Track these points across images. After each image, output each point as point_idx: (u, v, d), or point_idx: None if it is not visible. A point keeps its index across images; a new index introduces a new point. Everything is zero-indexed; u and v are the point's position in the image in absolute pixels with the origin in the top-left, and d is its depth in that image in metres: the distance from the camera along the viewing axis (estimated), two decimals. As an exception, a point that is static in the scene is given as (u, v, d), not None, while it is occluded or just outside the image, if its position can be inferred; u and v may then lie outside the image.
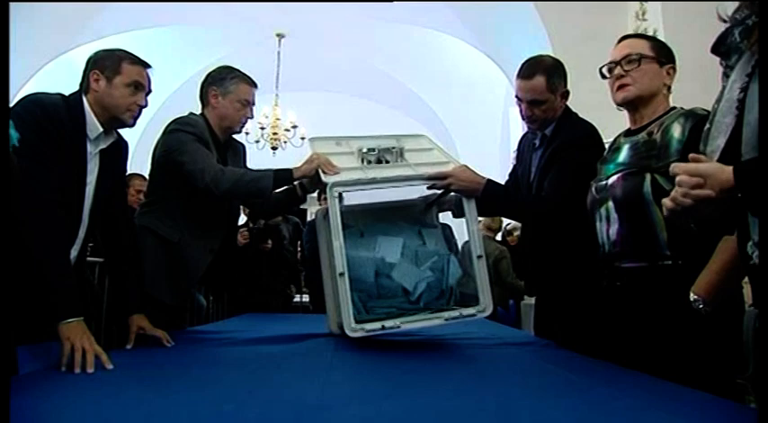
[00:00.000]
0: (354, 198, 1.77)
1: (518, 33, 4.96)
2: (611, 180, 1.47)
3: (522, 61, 1.89)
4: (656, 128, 1.45)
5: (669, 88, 1.52)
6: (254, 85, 2.17)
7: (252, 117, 2.18)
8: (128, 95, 1.64)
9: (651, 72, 1.49)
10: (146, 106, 1.70)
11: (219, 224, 2.10)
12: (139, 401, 1.00)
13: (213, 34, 6.67)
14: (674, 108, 1.51)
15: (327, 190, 1.61)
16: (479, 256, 1.67)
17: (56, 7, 4.57)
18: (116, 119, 1.65)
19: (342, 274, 1.55)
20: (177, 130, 1.96)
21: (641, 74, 1.48)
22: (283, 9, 6.12)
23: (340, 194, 1.64)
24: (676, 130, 1.40)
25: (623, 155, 1.50)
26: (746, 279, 1.05)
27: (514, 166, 2.15)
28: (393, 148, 1.82)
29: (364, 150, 1.81)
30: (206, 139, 1.98)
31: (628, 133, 1.55)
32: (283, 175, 1.86)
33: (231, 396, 1.05)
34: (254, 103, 2.16)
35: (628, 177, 1.43)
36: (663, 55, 1.52)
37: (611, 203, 1.48)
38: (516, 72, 1.89)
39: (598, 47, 1.60)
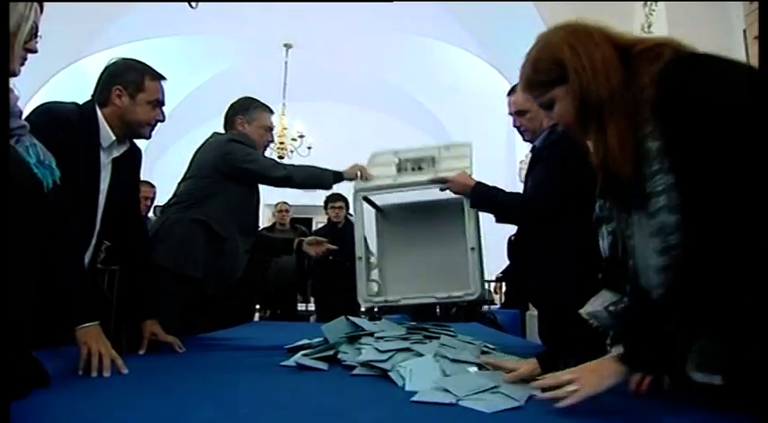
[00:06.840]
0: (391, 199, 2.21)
1: (523, 43, 4.97)
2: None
3: None
4: None
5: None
6: (272, 111, 2.48)
7: (273, 141, 2.50)
8: (149, 111, 1.73)
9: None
10: (163, 120, 1.79)
11: (254, 228, 2.33)
12: (154, 406, 1.01)
13: (222, 44, 6.72)
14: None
15: (353, 193, 2.11)
16: (472, 248, 1.97)
17: (67, 16, 4.62)
18: (135, 132, 1.74)
19: (360, 258, 2.07)
20: (236, 141, 2.21)
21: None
22: (291, 20, 6.18)
23: (364, 197, 2.14)
24: None
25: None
26: None
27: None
28: (430, 157, 2.10)
29: (404, 160, 2.12)
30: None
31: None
32: (337, 175, 2.24)
33: (246, 400, 1.07)
34: (273, 129, 2.49)
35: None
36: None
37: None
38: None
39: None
